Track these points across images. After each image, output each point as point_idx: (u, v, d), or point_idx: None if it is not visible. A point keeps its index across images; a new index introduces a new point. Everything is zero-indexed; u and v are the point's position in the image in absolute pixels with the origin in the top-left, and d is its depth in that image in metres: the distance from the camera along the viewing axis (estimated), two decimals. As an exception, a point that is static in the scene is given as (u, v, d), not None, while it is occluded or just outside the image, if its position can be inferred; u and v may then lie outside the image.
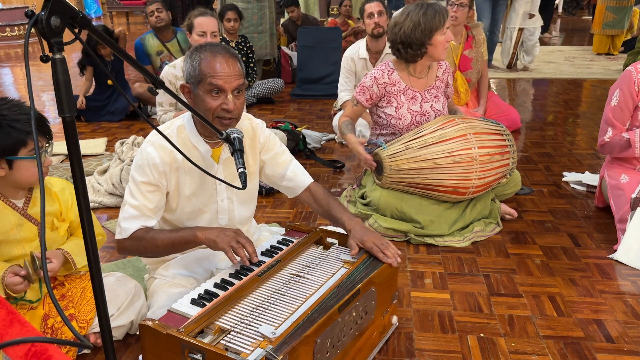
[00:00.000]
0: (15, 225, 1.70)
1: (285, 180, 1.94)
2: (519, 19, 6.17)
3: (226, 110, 1.64)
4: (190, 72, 1.66)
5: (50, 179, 1.84)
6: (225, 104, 1.64)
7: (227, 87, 1.63)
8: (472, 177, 2.47)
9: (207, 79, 1.62)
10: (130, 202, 1.71)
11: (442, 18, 2.50)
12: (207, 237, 1.66)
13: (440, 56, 2.56)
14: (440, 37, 2.51)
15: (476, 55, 3.89)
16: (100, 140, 4.14)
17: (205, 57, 1.64)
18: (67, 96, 0.98)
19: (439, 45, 2.53)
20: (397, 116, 2.63)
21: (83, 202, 1.03)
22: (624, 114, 2.55)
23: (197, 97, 1.66)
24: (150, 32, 4.85)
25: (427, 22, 2.49)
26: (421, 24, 2.50)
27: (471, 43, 3.87)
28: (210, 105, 1.64)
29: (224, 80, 1.62)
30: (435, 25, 2.50)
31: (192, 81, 1.66)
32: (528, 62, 6.54)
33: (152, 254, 1.76)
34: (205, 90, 1.63)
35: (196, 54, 1.66)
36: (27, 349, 1.15)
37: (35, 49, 7.95)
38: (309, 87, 5.59)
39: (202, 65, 1.63)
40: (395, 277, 1.79)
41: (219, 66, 1.62)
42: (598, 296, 2.10)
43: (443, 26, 2.51)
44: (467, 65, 3.86)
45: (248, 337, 1.36)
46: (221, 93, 1.63)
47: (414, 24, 2.51)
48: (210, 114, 1.64)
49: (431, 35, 2.50)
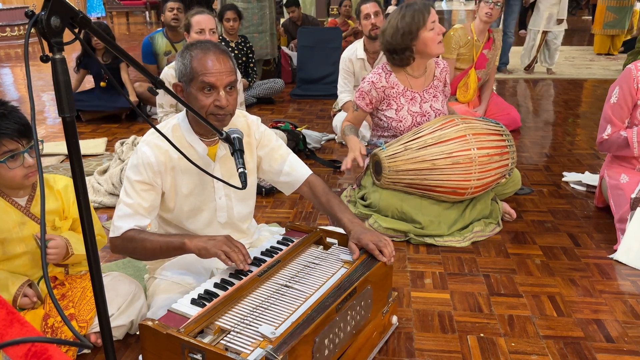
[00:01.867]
0: (17, 223, 1.71)
1: (282, 175, 1.93)
2: (543, 22, 6.09)
3: (219, 107, 1.64)
4: (182, 70, 1.66)
5: (54, 177, 1.84)
6: (218, 100, 1.64)
7: (219, 83, 1.63)
8: (471, 177, 2.47)
9: (199, 76, 1.62)
10: (125, 201, 1.71)
11: (421, 16, 2.49)
12: (196, 245, 1.63)
13: (434, 51, 2.54)
14: (427, 34, 2.50)
15: (492, 57, 3.96)
16: (100, 140, 4.14)
17: (196, 55, 1.63)
18: (67, 96, 0.98)
19: (429, 42, 2.52)
20: (397, 118, 2.63)
21: (83, 202, 1.03)
22: (623, 111, 2.55)
23: (190, 95, 1.66)
24: (160, 32, 4.77)
25: (406, 26, 2.50)
26: (400, 29, 2.51)
27: (491, 45, 3.92)
28: (204, 103, 1.64)
29: (215, 78, 1.63)
30: (416, 25, 2.49)
31: (184, 79, 1.66)
32: (550, 64, 6.42)
33: (141, 256, 1.74)
34: (197, 88, 1.63)
35: (187, 52, 1.66)
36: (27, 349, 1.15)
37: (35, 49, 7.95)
38: (309, 87, 5.59)
39: (194, 63, 1.63)
40: (390, 275, 1.79)
41: (210, 63, 1.62)
42: (598, 296, 2.10)
43: (426, 22, 2.49)
44: (483, 64, 3.92)
45: (248, 337, 1.36)
46: (213, 90, 1.64)
47: (393, 30, 2.53)
48: (203, 111, 1.65)
49: (415, 36, 2.50)
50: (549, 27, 6.12)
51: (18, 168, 1.64)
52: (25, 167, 1.65)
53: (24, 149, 1.64)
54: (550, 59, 6.39)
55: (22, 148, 1.63)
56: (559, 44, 6.28)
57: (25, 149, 1.64)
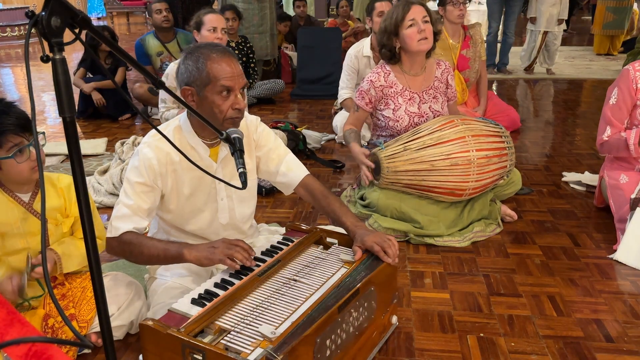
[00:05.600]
0: (19, 218, 1.72)
1: (279, 175, 1.93)
2: (543, 22, 6.08)
3: (238, 109, 1.67)
4: (194, 74, 1.65)
5: (59, 175, 1.85)
6: (237, 103, 1.66)
7: (236, 87, 1.66)
8: (470, 179, 2.47)
9: (218, 80, 1.63)
10: (125, 202, 1.71)
11: (398, 13, 2.54)
12: (195, 257, 1.62)
13: (413, 47, 2.55)
14: (405, 31, 2.53)
15: (474, 55, 3.89)
16: (100, 140, 4.14)
17: (212, 59, 1.64)
18: (67, 96, 0.98)
19: (407, 38, 2.54)
20: (394, 118, 2.63)
21: (83, 202, 1.03)
22: (622, 112, 2.55)
23: (204, 100, 1.66)
24: (151, 33, 4.83)
25: (389, 24, 2.57)
26: (385, 28, 2.59)
27: (469, 43, 3.87)
28: (222, 107, 1.65)
29: (233, 81, 1.65)
30: (395, 22, 2.55)
31: (198, 83, 1.65)
32: (549, 65, 6.41)
33: (136, 259, 1.74)
34: (215, 91, 1.64)
35: (198, 55, 1.65)
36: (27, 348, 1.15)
37: (35, 49, 7.96)
38: (309, 87, 5.59)
39: (210, 66, 1.63)
40: (394, 276, 1.79)
41: (227, 67, 1.64)
42: (598, 296, 2.11)
43: (404, 19, 2.53)
44: (465, 65, 3.86)
45: (248, 337, 1.36)
46: (230, 93, 1.65)
47: (380, 30, 2.63)
48: (221, 115, 1.66)
49: (396, 34, 2.56)
50: (550, 28, 6.11)
51: (25, 162, 1.66)
52: (32, 160, 1.67)
53: (28, 142, 1.66)
54: (550, 59, 6.38)
55: (27, 141, 1.65)
56: (558, 45, 6.28)
57: (30, 142, 1.66)
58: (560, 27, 6.13)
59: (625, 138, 2.51)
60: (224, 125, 1.66)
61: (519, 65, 6.66)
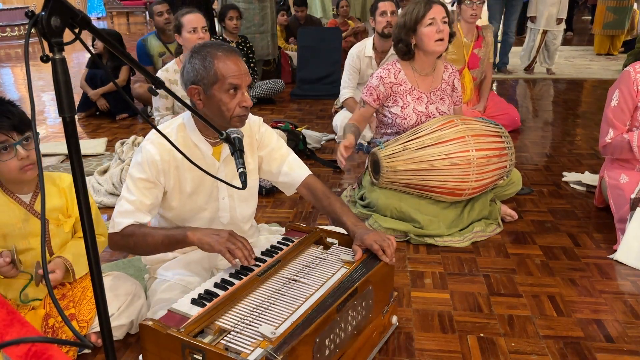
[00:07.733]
0: (20, 219, 1.71)
1: (281, 175, 1.94)
2: (543, 22, 6.07)
3: (245, 107, 1.69)
4: (201, 73, 1.66)
5: (61, 175, 1.85)
6: (244, 101, 1.68)
7: (243, 84, 1.67)
8: (469, 179, 2.47)
9: (226, 79, 1.64)
10: (127, 198, 1.71)
11: (419, 10, 2.54)
12: (199, 238, 1.63)
13: (429, 47, 2.55)
14: (424, 29, 2.53)
15: (484, 55, 3.94)
16: (100, 140, 4.14)
17: (219, 57, 1.65)
18: (67, 96, 0.98)
19: (425, 37, 2.54)
20: (402, 115, 2.63)
21: (83, 202, 1.03)
22: (624, 114, 2.55)
23: (211, 98, 1.67)
24: (152, 34, 4.83)
25: (408, 20, 2.56)
26: (403, 23, 2.58)
27: (481, 43, 3.91)
28: (230, 105, 1.67)
29: (240, 79, 1.66)
30: (414, 19, 2.54)
31: (205, 82, 1.66)
32: (549, 65, 6.40)
33: (141, 251, 1.74)
34: (223, 90, 1.65)
35: (205, 54, 1.66)
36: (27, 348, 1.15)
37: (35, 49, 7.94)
38: (309, 87, 5.59)
39: (218, 65, 1.64)
40: (391, 275, 1.79)
41: (234, 65, 1.66)
42: (598, 296, 2.11)
43: (424, 17, 2.53)
44: (476, 64, 3.91)
45: (248, 337, 1.36)
46: (237, 91, 1.67)
47: (399, 25, 2.62)
48: (229, 113, 1.67)
49: (414, 30, 2.56)
50: (549, 27, 6.11)
51: (11, 160, 1.63)
52: (19, 159, 1.64)
53: (14, 141, 1.62)
54: (550, 59, 6.38)
55: (13, 140, 1.62)
56: (558, 44, 6.27)
57: (18, 142, 1.63)
58: (560, 26, 6.13)
59: (629, 140, 2.51)
60: (231, 122, 1.68)
61: (519, 65, 6.66)
